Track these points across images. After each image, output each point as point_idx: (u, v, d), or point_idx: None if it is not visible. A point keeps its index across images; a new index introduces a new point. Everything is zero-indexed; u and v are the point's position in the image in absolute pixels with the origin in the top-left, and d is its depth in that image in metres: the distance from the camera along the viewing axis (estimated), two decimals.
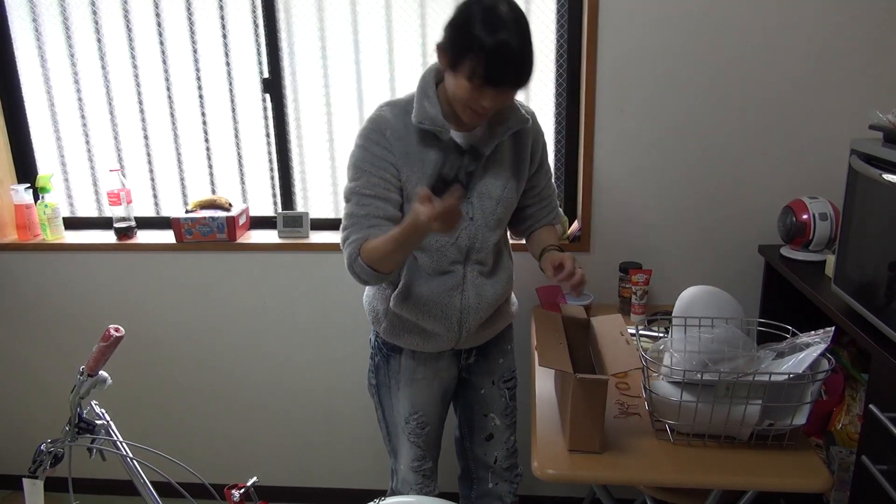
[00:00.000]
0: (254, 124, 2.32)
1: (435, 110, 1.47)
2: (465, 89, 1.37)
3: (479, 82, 1.35)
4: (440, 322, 1.59)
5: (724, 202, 2.10)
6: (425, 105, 1.48)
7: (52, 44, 2.29)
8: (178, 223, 2.25)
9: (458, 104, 1.43)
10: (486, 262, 1.60)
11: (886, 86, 1.95)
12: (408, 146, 1.49)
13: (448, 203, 1.29)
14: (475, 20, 1.33)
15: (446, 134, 1.48)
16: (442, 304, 1.58)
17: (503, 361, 1.80)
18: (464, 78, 1.36)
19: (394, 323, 1.64)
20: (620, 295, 2.12)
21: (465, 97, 1.39)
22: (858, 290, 1.46)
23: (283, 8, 2.17)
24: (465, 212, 1.52)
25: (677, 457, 1.37)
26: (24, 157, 2.40)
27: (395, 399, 1.72)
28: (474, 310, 1.60)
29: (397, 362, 1.69)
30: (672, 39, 1.97)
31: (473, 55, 1.33)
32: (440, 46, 1.41)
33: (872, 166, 1.39)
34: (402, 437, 1.74)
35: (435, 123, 1.47)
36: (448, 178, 1.37)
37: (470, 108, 1.41)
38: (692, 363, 1.39)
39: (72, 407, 1.43)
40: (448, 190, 1.34)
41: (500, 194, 1.57)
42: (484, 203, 1.55)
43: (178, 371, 2.46)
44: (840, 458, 1.60)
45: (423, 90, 1.50)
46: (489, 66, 1.32)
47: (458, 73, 1.37)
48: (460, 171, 1.39)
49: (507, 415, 1.81)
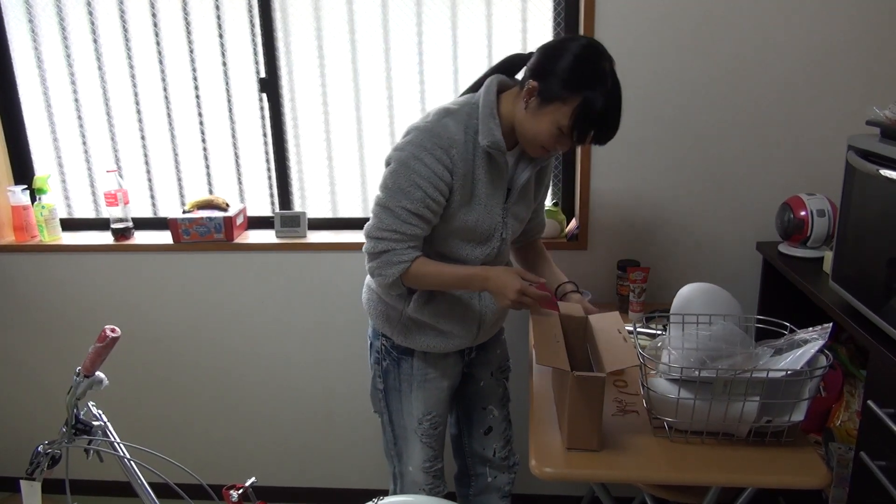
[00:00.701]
0: (251, 124, 2.32)
1: (499, 133, 1.44)
2: (550, 134, 1.38)
3: (573, 134, 1.37)
4: (460, 324, 1.61)
5: (722, 199, 2.10)
6: (492, 127, 1.43)
7: (49, 44, 2.28)
8: (175, 223, 2.25)
9: (531, 140, 1.43)
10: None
11: (884, 82, 1.95)
12: (468, 166, 1.46)
13: (539, 298, 1.42)
14: (585, 70, 1.34)
15: (502, 156, 1.47)
16: (462, 306, 1.60)
17: (500, 352, 1.84)
18: (553, 123, 1.37)
19: (408, 326, 1.62)
20: (618, 293, 2.11)
21: (547, 140, 1.40)
22: (856, 286, 1.46)
23: (279, 7, 2.16)
24: (499, 233, 1.55)
25: (675, 454, 1.37)
26: (20, 158, 2.39)
27: (407, 402, 1.70)
28: (491, 310, 1.64)
29: (409, 365, 1.67)
30: (669, 38, 1.97)
31: (579, 109, 1.34)
32: (534, 77, 1.38)
33: (870, 162, 1.38)
34: (414, 439, 1.73)
35: (499, 148, 1.44)
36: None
37: (543, 147, 1.42)
38: (690, 360, 1.39)
39: (69, 408, 1.43)
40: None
41: (525, 216, 1.62)
42: (514, 224, 1.59)
43: (175, 372, 2.46)
44: (839, 454, 1.60)
45: (489, 109, 1.44)
46: (590, 125, 1.35)
47: (547, 112, 1.37)
48: None
49: (503, 404, 1.85)
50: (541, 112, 1.38)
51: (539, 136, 1.40)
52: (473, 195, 1.48)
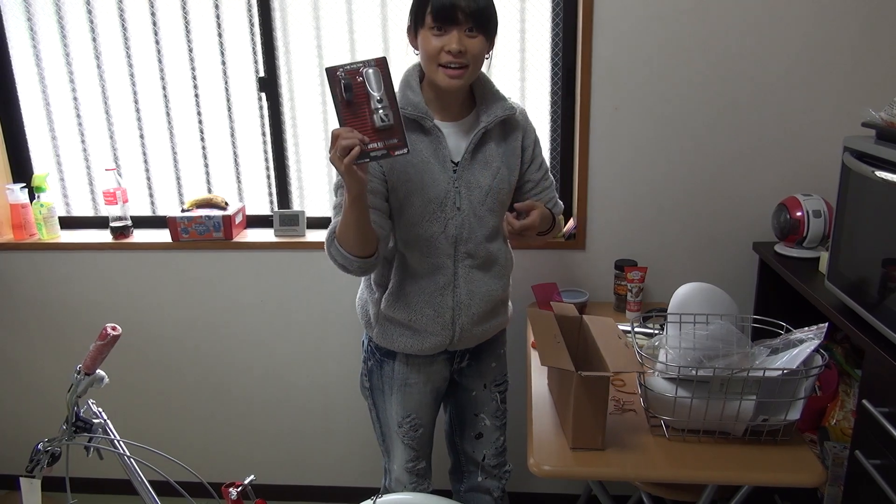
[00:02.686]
0: (250, 123, 2.32)
1: (417, 98, 1.50)
2: (429, 40, 1.42)
3: (437, 24, 1.40)
4: (433, 321, 1.59)
5: (719, 199, 2.11)
6: (408, 94, 1.51)
7: (48, 43, 2.28)
8: (174, 222, 2.25)
9: (430, 66, 1.45)
10: (477, 254, 1.58)
11: (879, 83, 1.96)
12: None
13: (334, 130, 1.29)
14: None
15: (429, 121, 1.50)
16: (434, 302, 1.58)
17: (496, 366, 1.79)
18: (426, 30, 1.42)
19: (385, 326, 1.63)
20: (616, 292, 2.12)
21: (431, 50, 1.43)
22: (852, 286, 1.47)
23: (278, 7, 2.17)
24: (452, 201, 1.52)
25: (672, 453, 1.38)
26: (19, 156, 2.39)
27: (388, 403, 1.72)
28: (466, 306, 1.60)
29: (390, 368, 1.68)
30: (666, 38, 1.98)
31: (424, 2, 1.41)
32: (407, 30, 1.50)
33: (865, 163, 1.39)
34: (396, 439, 1.75)
35: (417, 110, 1.49)
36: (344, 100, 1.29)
37: (440, 65, 1.43)
38: (687, 359, 1.40)
39: (69, 406, 1.43)
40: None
41: (489, 184, 1.56)
42: (472, 193, 1.54)
43: (174, 370, 2.46)
44: (834, 453, 1.61)
45: (406, 81, 1.54)
46: (439, 1, 1.38)
47: (420, 32, 1.44)
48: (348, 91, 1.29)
49: (497, 416, 1.81)
50: (418, 37, 1.46)
51: (426, 51, 1.44)
52: (412, 163, 1.50)
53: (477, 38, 1.42)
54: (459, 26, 1.40)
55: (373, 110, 1.30)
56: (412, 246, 1.55)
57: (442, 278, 1.57)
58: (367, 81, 1.29)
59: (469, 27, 1.41)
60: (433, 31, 1.41)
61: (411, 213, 1.52)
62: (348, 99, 1.29)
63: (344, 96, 1.28)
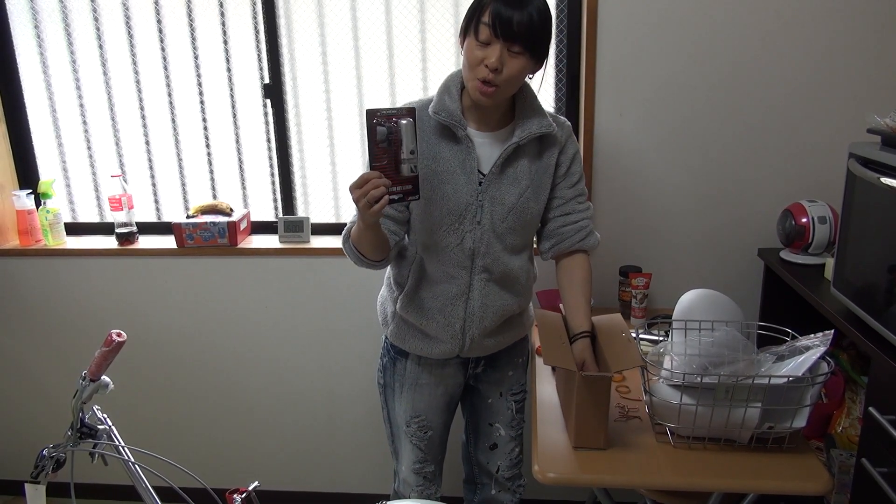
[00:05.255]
0: (255, 129, 2.33)
1: (454, 106, 1.47)
2: (472, 49, 1.38)
3: (483, 35, 1.35)
4: (443, 329, 1.58)
5: (724, 206, 2.11)
6: (445, 99, 1.49)
7: (54, 49, 2.30)
8: (179, 228, 2.26)
9: (468, 74, 1.42)
10: (494, 269, 1.54)
11: (885, 89, 1.96)
12: (427, 141, 1.50)
13: (365, 174, 1.30)
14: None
15: (462, 129, 1.47)
16: (445, 311, 1.57)
17: (513, 374, 1.76)
18: (472, 38, 1.38)
19: (400, 326, 1.65)
20: (620, 299, 2.12)
21: (472, 59, 1.38)
22: (857, 293, 1.46)
23: (283, 14, 2.18)
24: (472, 214, 1.50)
25: (677, 460, 1.38)
26: (25, 162, 2.40)
27: (398, 401, 1.73)
28: (478, 318, 1.57)
29: (403, 366, 1.69)
30: (671, 44, 1.98)
31: (479, 10, 1.37)
32: (460, 31, 1.44)
33: (870, 170, 1.39)
34: (404, 439, 1.75)
35: (451, 117, 1.46)
36: (381, 144, 1.32)
37: (477, 78, 1.39)
38: (692, 366, 1.40)
39: (74, 412, 1.43)
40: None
41: (513, 202, 1.51)
42: (495, 208, 1.50)
43: (179, 376, 2.46)
44: (840, 460, 1.60)
45: (446, 86, 1.51)
46: (492, 12, 1.34)
47: (467, 40, 1.40)
48: (396, 134, 1.33)
49: (512, 427, 1.79)
50: (464, 43, 1.42)
51: (467, 59, 1.40)
52: (436, 171, 1.49)
53: (519, 58, 1.37)
54: (505, 41, 1.35)
55: (402, 160, 1.34)
56: (430, 251, 1.55)
57: (456, 288, 1.55)
58: (401, 131, 1.33)
59: (515, 44, 1.35)
60: (478, 43, 1.37)
61: (430, 221, 1.52)
62: (383, 145, 1.33)
63: (379, 142, 1.32)
